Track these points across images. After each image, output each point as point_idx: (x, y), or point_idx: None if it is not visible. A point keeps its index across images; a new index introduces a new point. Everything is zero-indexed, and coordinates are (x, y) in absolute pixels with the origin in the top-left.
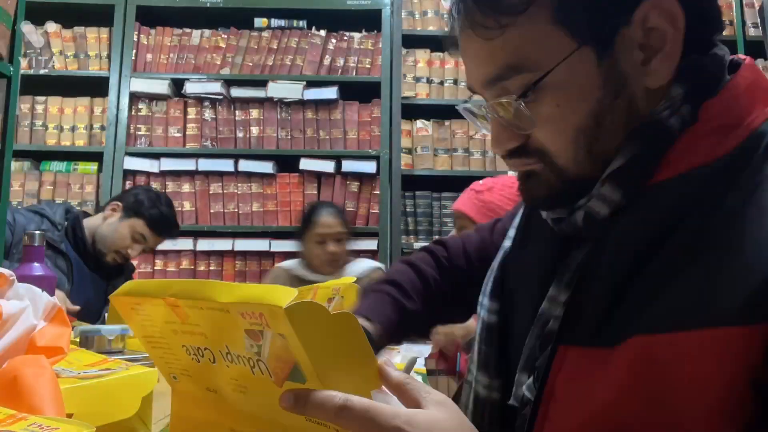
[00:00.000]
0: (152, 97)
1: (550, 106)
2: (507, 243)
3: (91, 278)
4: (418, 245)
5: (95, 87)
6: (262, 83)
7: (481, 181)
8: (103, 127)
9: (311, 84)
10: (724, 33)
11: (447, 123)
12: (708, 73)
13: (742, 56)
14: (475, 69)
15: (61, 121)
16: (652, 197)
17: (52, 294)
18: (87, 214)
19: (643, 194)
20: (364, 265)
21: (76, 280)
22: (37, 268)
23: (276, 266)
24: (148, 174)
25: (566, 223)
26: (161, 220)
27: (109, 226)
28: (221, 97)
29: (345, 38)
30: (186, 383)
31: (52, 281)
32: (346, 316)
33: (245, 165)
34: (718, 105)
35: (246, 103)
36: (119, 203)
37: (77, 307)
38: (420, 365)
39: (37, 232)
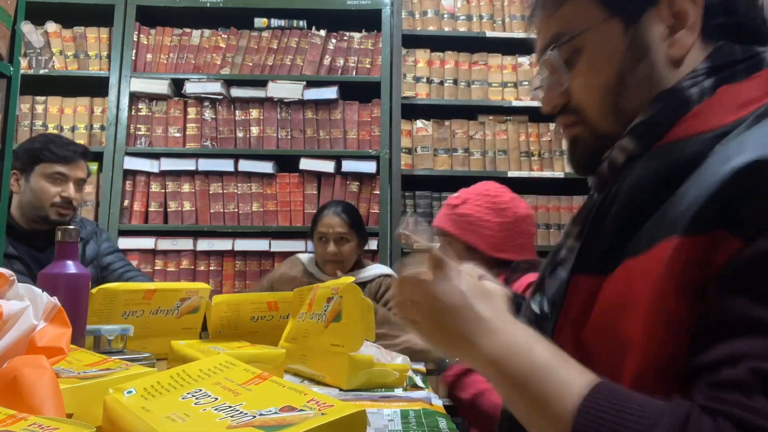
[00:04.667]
0: (152, 97)
1: (583, 65)
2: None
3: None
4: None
5: (95, 87)
6: (262, 83)
7: (456, 194)
8: (103, 127)
9: (311, 84)
10: None
11: (447, 123)
12: (734, 59)
13: None
14: (539, 41)
15: (61, 121)
16: (661, 152)
17: (87, 293)
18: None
19: (657, 148)
20: (374, 270)
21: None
22: (71, 266)
23: (296, 255)
24: (148, 174)
25: (597, 175)
26: (59, 147)
27: (25, 193)
28: (221, 97)
29: (345, 38)
30: (289, 341)
31: (87, 279)
32: (365, 301)
33: (245, 165)
34: (732, 90)
35: (246, 103)
36: (15, 171)
37: None
38: (420, 365)
39: (71, 226)
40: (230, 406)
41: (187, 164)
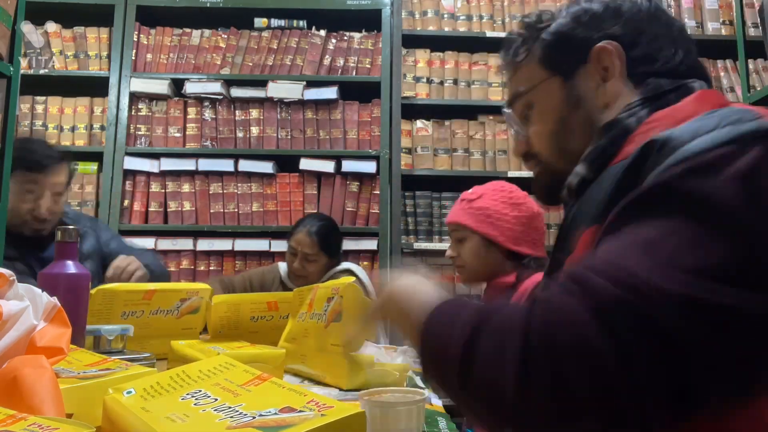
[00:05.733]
0: (152, 97)
1: (534, 117)
2: None
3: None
4: (418, 245)
5: (95, 87)
6: (262, 83)
7: (470, 190)
8: (103, 127)
9: (311, 84)
10: (725, 33)
11: (447, 123)
12: (663, 90)
13: (703, 90)
14: (508, 94)
15: (61, 121)
16: (607, 173)
17: (87, 293)
18: None
19: (605, 171)
20: (332, 272)
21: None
22: (71, 266)
23: (274, 264)
24: (148, 174)
25: (562, 202)
26: (32, 154)
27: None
28: (221, 97)
29: (345, 38)
30: (289, 341)
31: (87, 279)
32: (365, 301)
33: (245, 165)
34: (666, 113)
35: (246, 103)
36: None
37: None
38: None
39: (71, 226)
40: (230, 407)
41: (187, 164)
